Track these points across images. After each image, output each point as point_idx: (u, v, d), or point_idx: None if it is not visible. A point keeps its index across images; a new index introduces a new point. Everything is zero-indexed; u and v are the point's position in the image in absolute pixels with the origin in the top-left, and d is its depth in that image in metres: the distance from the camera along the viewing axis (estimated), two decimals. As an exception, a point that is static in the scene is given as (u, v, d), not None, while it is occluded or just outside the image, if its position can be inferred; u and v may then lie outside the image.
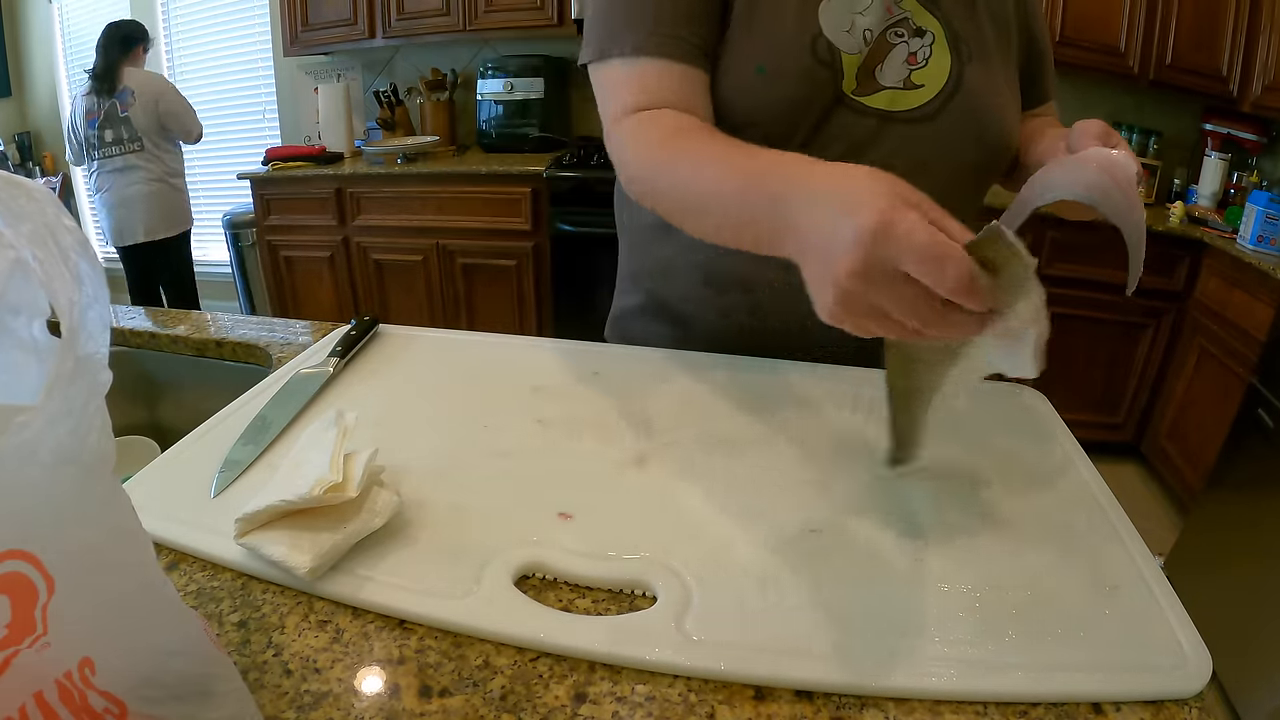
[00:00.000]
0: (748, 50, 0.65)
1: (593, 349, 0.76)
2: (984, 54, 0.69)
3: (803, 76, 0.64)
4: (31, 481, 0.24)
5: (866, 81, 0.66)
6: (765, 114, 0.66)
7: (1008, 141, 0.71)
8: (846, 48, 0.65)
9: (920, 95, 0.67)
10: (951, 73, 0.68)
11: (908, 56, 0.67)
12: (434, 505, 0.51)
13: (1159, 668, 0.39)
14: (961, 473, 0.57)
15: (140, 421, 0.92)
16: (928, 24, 0.67)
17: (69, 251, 0.26)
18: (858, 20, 0.66)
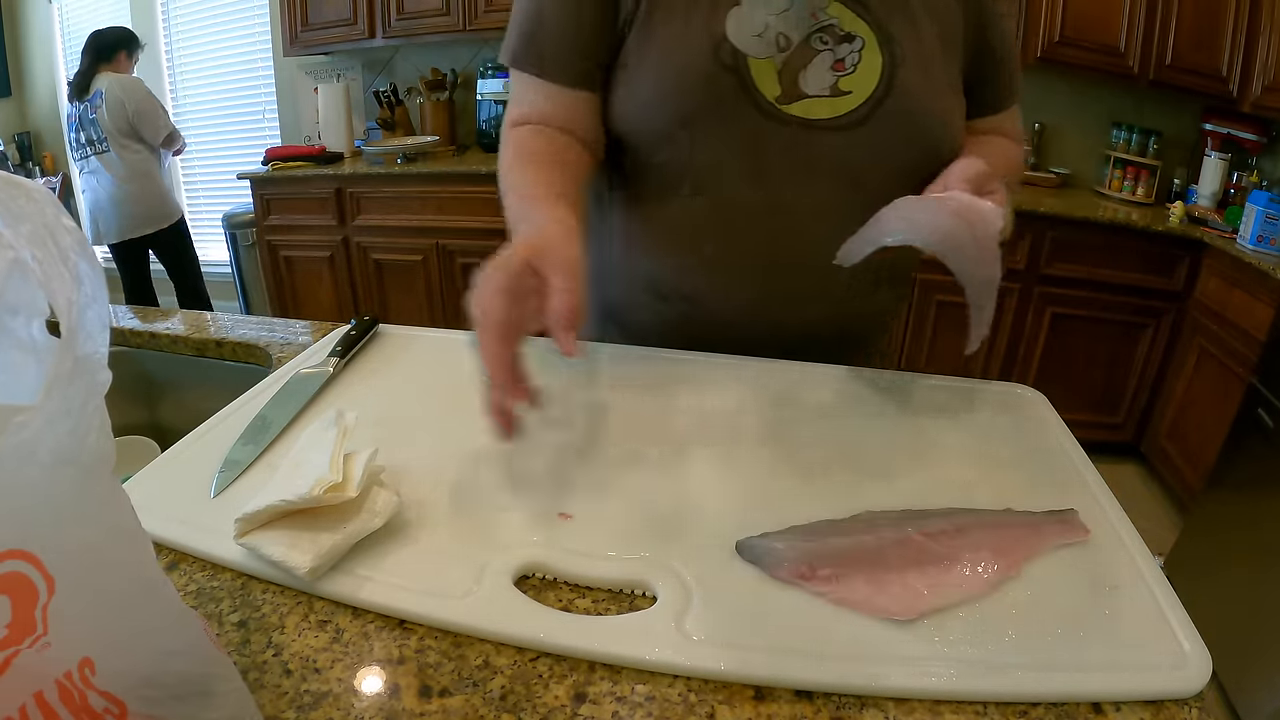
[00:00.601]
0: (652, 56, 0.66)
1: (592, 348, 0.76)
2: (921, 56, 0.67)
3: (705, 81, 0.64)
4: (31, 481, 0.24)
5: (791, 89, 0.66)
6: (670, 121, 0.67)
7: (947, 144, 0.70)
8: (754, 52, 0.64)
9: (848, 102, 0.66)
10: (882, 77, 0.66)
11: (834, 63, 0.66)
12: (434, 505, 0.51)
13: (1159, 668, 0.39)
14: (961, 472, 0.57)
15: (140, 421, 0.92)
16: (857, 29, 0.66)
17: (68, 252, 0.26)
18: (771, 23, 0.65)
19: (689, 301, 0.74)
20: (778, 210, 0.69)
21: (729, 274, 0.71)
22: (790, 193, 0.68)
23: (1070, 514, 0.50)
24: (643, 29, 0.67)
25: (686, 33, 0.65)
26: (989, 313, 0.58)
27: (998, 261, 0.58)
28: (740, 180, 0.68)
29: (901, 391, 0.69)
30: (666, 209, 0.72)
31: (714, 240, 0.71)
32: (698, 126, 0.66)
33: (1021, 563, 0.46)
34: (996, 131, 0.79)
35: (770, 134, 0.66)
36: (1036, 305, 2.36)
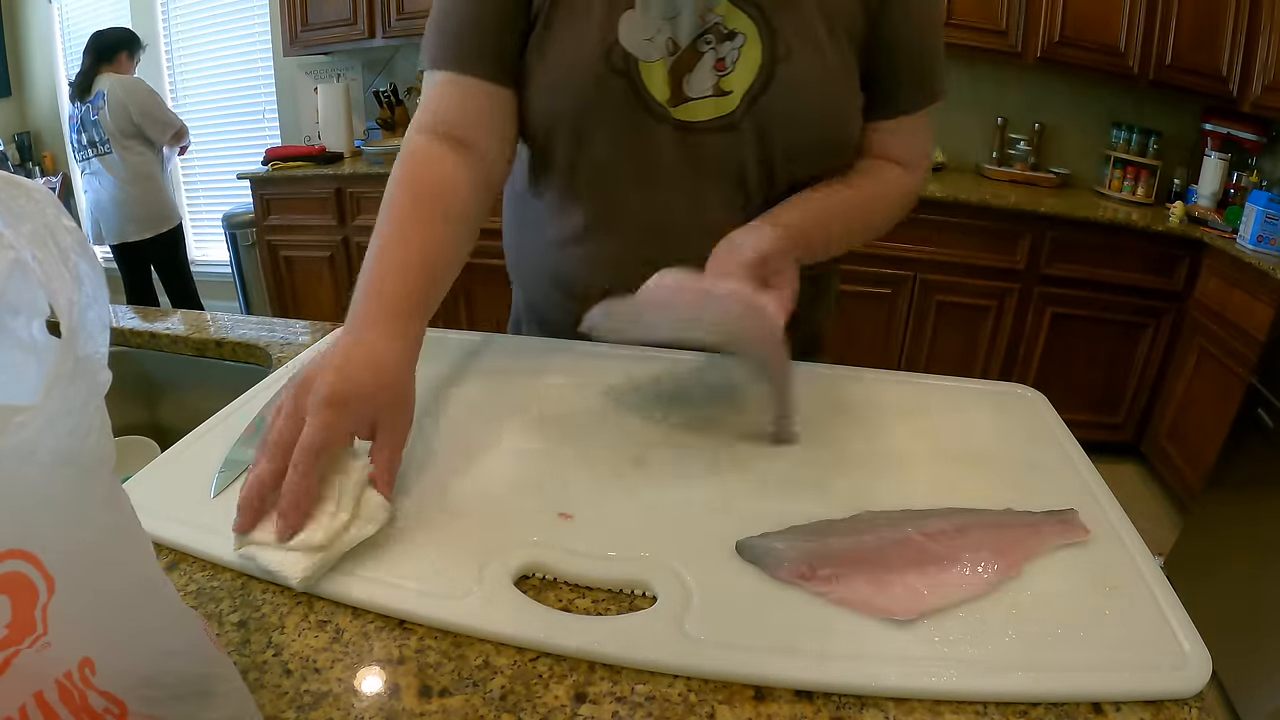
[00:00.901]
0: (546, 64, 0.67)
1: (591, 348, 0.76)
2: (807, 49, 0.66)
3: (594, 84, 0.65)
4: (31, 481, 0.24)
5: (678, 93, 0.66)
6: (563, 119, 0.68)
7: (833, 134, 0.68)
8: (645, 55, 0.65)
9: (730, 101, 0.66)
10: (760, 73, 0.65)
11: (715, 63, 0.66)
12: (434, 505, 0.51)
13: (1159, 668, 0.39)
14: (961, 472, 0.57)
15: (140, 421, 0.92)
16: (740, 26, 0.65)
17: (69, 252, 0.26)
18: (664, 28, 0.65)
19: (583, 301, 0.73)
20: (666, 211, 0.70)
21: (626, 274, 0.71)
22: (677, 194, 0.69)
23: (1070, 514, 0.50)
24: (545, 27, 0.67)
25: (582, 34, 0.65)
26: (791, 402, 0.58)
27: (784, 353, 0.57)
28: (629, 182, 0.69)
29: (901, 391, 0.69)
30: (568, 208, 0.73)
31: (609, 241, 0.72)
32: (588, 127, 0.67)
33: (1021, 563, 0.46)
34: (887, 147, 0.74)
35: (659, 137, 0.67)
36: (1036, 305, 2.36)
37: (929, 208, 2.26)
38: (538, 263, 0.79)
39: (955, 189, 2.33)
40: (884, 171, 0.74)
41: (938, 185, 2.37)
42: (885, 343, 2.49)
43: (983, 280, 2.35)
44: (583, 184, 0.72)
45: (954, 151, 2.74)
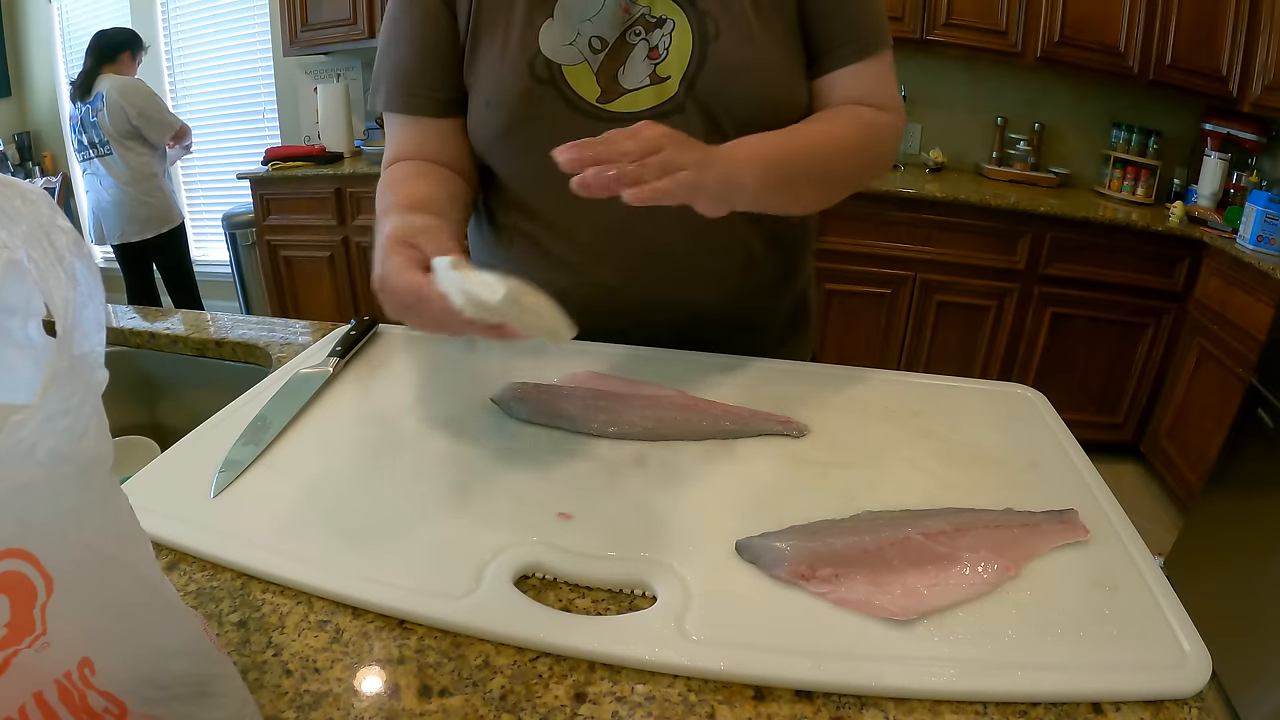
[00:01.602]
0: (477, 87, 0.69)
1: (591, 348, 0.76)
2: (736, 23, 0.66)
3: (522, 98, 0.66)
4: (29, 480, 0.24)
5: (611, 88, 0.67)
6: (501, 141, 0.70)
7: (773, 107, 0.68)
8: (567, 60, 0.66)
9: (669, 87, 0.67)
10: (693, 55, 0.66)
11: (648, 52, 0.66)
12: (434, 505, 0.51)
13: (1159, 667, 0.39)
14: (961, 472, 0.57)
15: (140, 421, 0.92)
16: (668, 12, 0.66)
17: (64, 252, 0.26)
18: (584, 29, 0.66)
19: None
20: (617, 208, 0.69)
21: (585, 273, 0.73)
22: None
23: (1070, 514, 0.50)
24: (471, 54, 0.69)
25: (505, 53, 0.67)
26: None
27: None
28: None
29: (902, 391, 0.69)
30: (520, 220, 0.75)
31: (566, 244, 0.73)
32: (522, 139, 0.68)
33: (1021, 563, 0.46)
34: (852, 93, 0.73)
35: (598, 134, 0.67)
36: (1036, 305, 2.36)
37: (929, 208, 2.26)
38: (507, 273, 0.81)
39: (955, 189, 2.33)
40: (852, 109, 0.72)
41: (938, 185, 2.37)
42: (885, 343, 2.49)
43: (982, 280, 2.35)
44: (529, 195, 0.73)
45: (954, 151, 2.74)
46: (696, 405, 0.63)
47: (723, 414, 0.62)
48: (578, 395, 0.63)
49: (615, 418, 0.60)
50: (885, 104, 0.74)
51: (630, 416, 0.61)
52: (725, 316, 0.78)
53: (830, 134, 0.69)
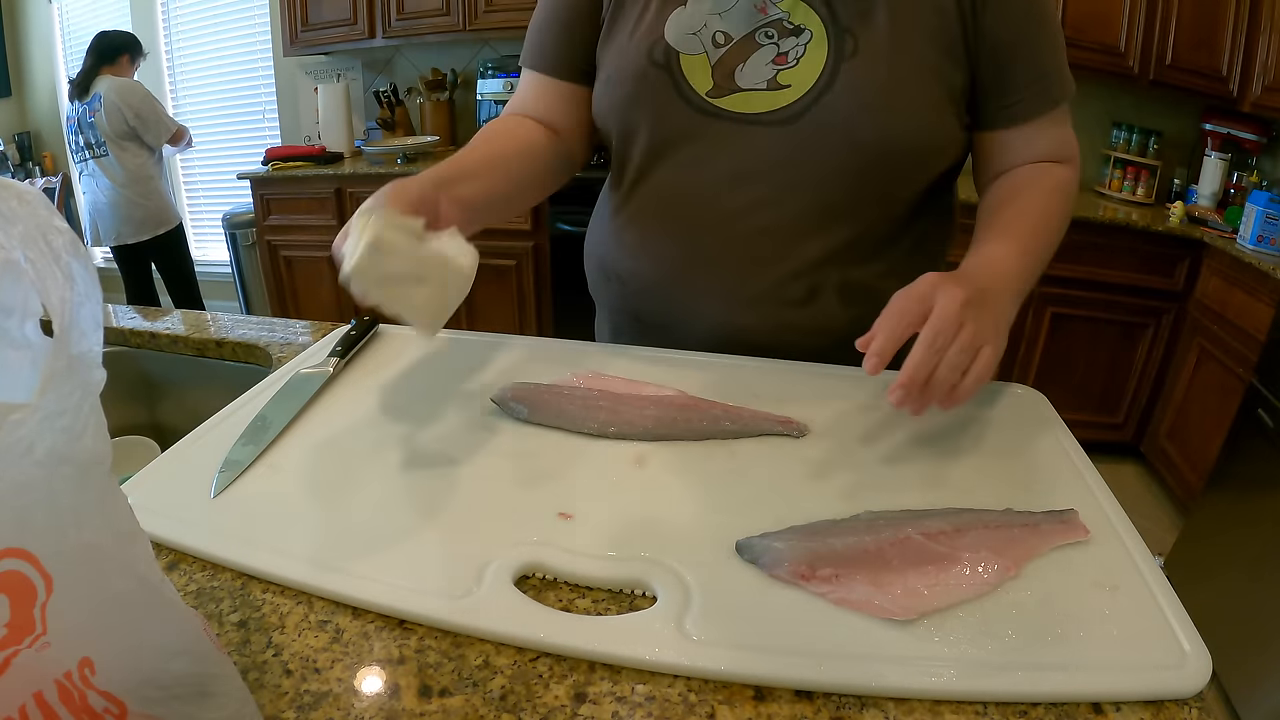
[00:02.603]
0: (605, 59, 0.72)
1: (591, 348, 0.76)
2: (880, 49, 0.64)
3: (636, 78, 0.69)
4: (28, 479, 0.24)
5: (724, 83, 0.67)
6: (613, 113, 0.72)
7: (892, 143, 0.65)
8: (686, 49, 0.67)
9: (786, 96, 0.66)
10: (824, 71, 0.65)
11: (775, 57, 0.66)
12: (434, 505, 0.51)
13: (1159, 668, 0.39)
14: (961, 472, 0.57)
15: (140, 421, 0.92)
16: (807, 22, 0.65)
17: (60, 252, 0.26)
18: (711, 22, 0.67)
19: (620, 281, 0.78)
20: (705, 202, 0.70)
21: (652, 261, 0.75)
22: (720, 185, 0.69)
23: (1070, 514, 0.50)
24: (608, 30, 0.72)
25: (634, 33, 0.70)
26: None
27: None
28: (670, 169, 0.71)
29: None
30: (620, 194, 0.78)
31: (642, 224, 0.75)
32: (632, 119, 0.71)
33: (1021, 563, 0.46)
34: (1026, 156, 0.71)
35: (701, 127, 0.68)
36: (1036, 305, 2.36)
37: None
38: (591, 242, 0.84)
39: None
40: (1040, 169, 0.70)
41: (938, 185, 2.37)
42: (885, 343, 2.48)
43: (983, 280, 2.34)
44: (629, 171, 0.75)
45: (954, 151, 2.74)
46: (697, 405, 0.63)
47: (723, 414, 0.62)
48: (578, 395, 0.63)
49: (615, 418, 0.60)
50: (1069, 156, 0.72)
51: (630, 416, 0.61)
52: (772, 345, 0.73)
53: (1047, 216, 0.67)
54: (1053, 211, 0.68)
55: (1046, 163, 0.71)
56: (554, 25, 0.75)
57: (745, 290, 0.72)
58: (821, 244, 0.69)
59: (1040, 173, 0.70)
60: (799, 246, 0.69)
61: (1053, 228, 0.68)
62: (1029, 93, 0.67)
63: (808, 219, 0.68)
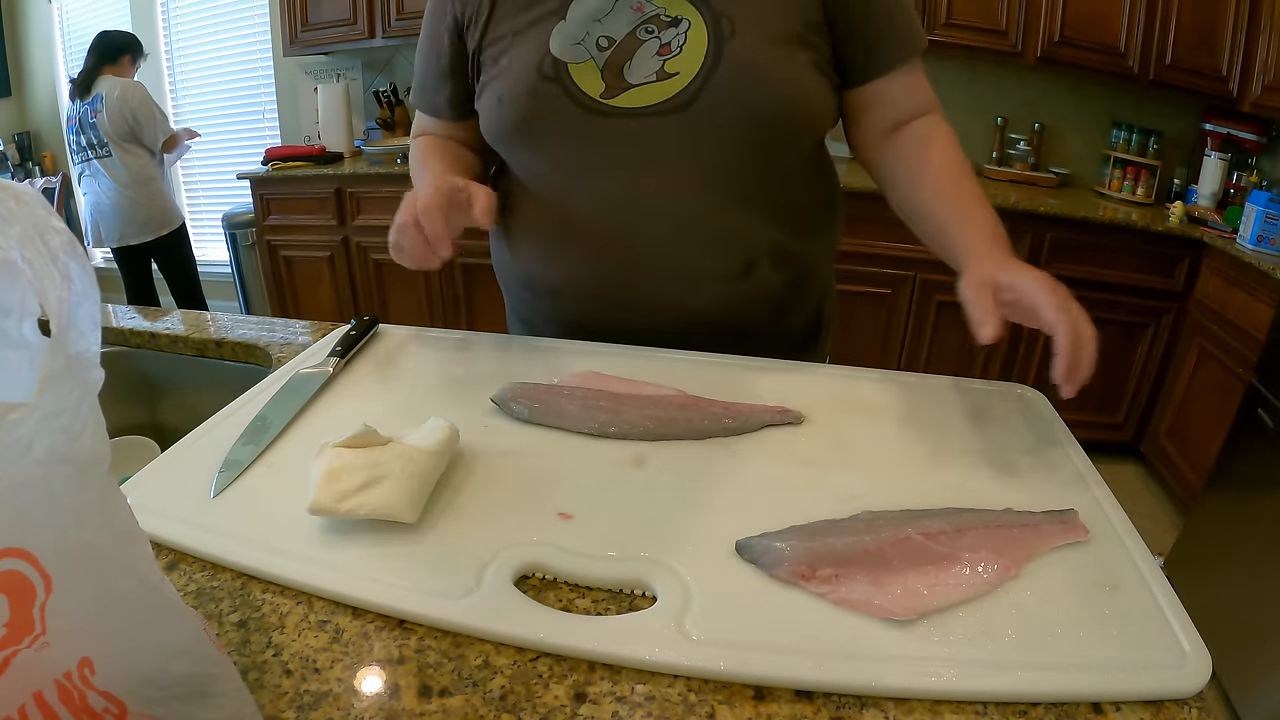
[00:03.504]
0: (492, 86, 0.74)
1: (591, 348, 0.76)
2: (755, 26, 0.68)
3: (528, 94, 0.71)
4: (27, 479, 0.24)
5: (615, 83, 0.70)
6: (510, 133, 0.74)
7: (782, 110, 0.69)
8: (572, 58, 0.70)
9: (676, 84, 0.68)
10: (708, 54, 0.67)
11: (659, 49, 0.68)
12: (434, 505, 0.51)
13: (1159, 668, 0.39)
14: (961, 472, 0.57)
15: (140, 421, 0.92)
16: (683, 12, 0.68)
17: (58, 252, 0.26)
18: (593, 29, 0.70)
19: (556, 295, 0.79)
20: (623, 199, 0.72)
21: (583, 265, 0.76)
22: (633, 180, 0.71)
23: (1070, 514, 0.50)
24: (485, 59, 0.75)
25: (517, 54, 0.72)
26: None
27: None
28: (581, 175, 0.73)
29: (902, 391, 0.69)
30: (529, 210, 0.79)
31: (566, 234, 0.76)
32: (530, 134, 0.73)
33: (1021, 563, 0.46)
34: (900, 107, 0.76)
35: (602, 128, 0.70)
36: (1036, 305, 2.35)
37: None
38: (508, 266, 0.84)
39: (955, 189, 2.33)
40: (929, 130, 0.76)
41: (938, 185, 2.37)
42: (885, 343, 2.49)
43: (983, 280, 2.34)
44: (541, 185, 0.77)
45: (954, 151, 2.74)
46: (697, 404, 0.63)
47: (723, 411, 0.62)
48: (578, 395, 0.63)
49: (615, 418, 0.60)
50: (931, 107, 0.78)
51: (630, 416, 0.61)
52: (723, 322, 0.78)
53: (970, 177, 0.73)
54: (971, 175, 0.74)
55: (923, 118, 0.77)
56: (433, 72, 0.81)
57: (687, 274, 0.75)
58: (740, 216, 0.73)
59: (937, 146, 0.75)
60: (722, 222, 0.73)
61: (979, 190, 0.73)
62: (890, 43, 0.73)
63: (723, 196, 0.72)
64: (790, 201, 0.76)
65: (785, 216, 0.76)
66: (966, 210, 0.71)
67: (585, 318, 0.79)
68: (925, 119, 0.77)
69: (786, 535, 0.47)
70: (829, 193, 0.83)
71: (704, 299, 0.76)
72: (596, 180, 0.72)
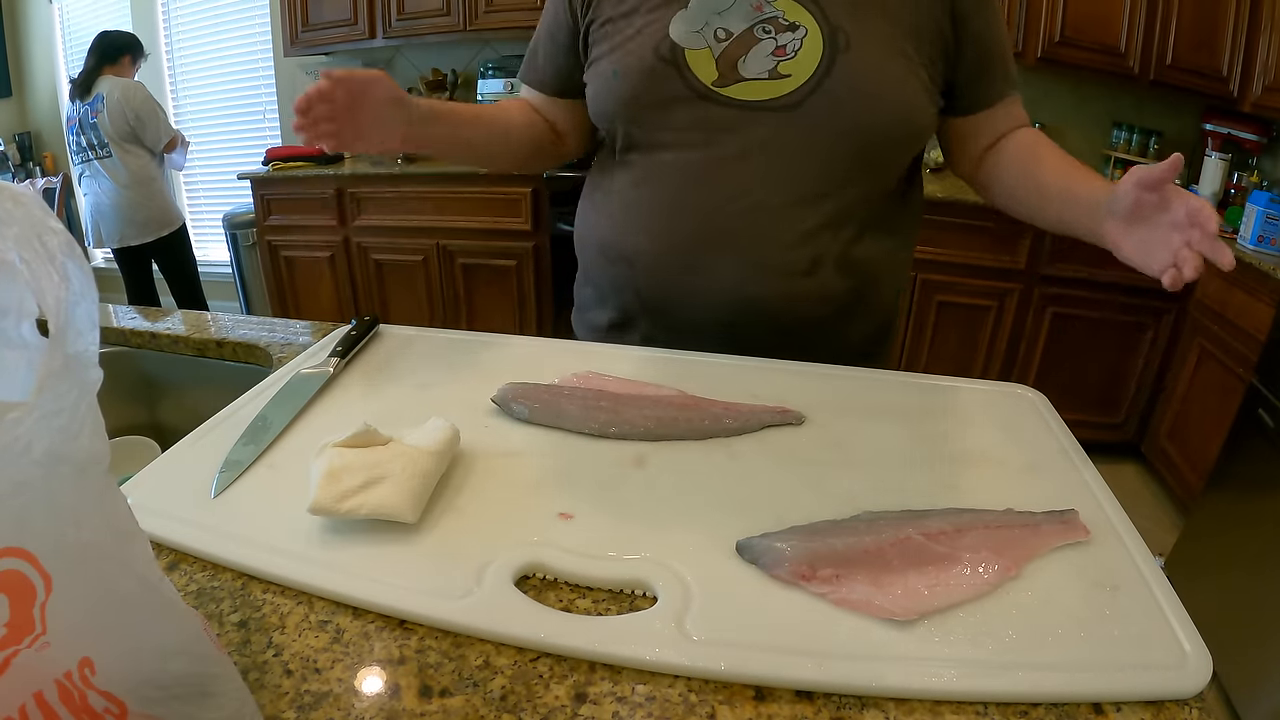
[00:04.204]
0: (607, 60, 0.78)
1: (592, 348, 0.76)
2: (869, 44, 0.72)
3: (645, 73, 0.74)
4: (26, 478, 0.24)
5: (728, 74, 0.73)
6: (622, 107, 0.78)
7: (885, 126, 0.73)
8: (691, 44, 0.73)
9: (787, 84, 0.72)
10: (821, 62, 0.71)
11: (775, 49, 0.72)
12: (434, 506, 0.51)
13: (1159, 668, 0.39)
14: (961, 472, 0.57)
15: (140, 421, 0.92)
16: (800, 19, 0.72)
17: (55, 252, 0.26)
18: (712, 20, 0.73)
19: (628, 263, 0.81)
20: (712, 182, 0.75)
21: (658, 239, 0.79)
22: (721, 166, 0.75)
23: (1070, 514, 0.50)
24: (597, 40, 0.79)
25: (637, 33, 0.76)
26: None
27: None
28: (675, 154, 0.77)
29: (902, 391, 0.69)
30: (619, 179, 0.82)
31: (648, 207, 0.79)
32: (639, 108, 0.76)
33: (1022, 563, 0.46)
34: (1006, 127, 0.82)
35: (707, 113, 0.74)
36: (1036, 305, 2.35)
37: (930, 208, 2.22)
38: (590, 228, 0.87)
39: (955, 189, 2.33)
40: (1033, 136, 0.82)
41: (938, 185, 2.37)
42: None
43: (983, 280, 2.34)
44: (632, 156, 0.81)
45: (954, 152, 2.74)
46: (697, 404, 0.63)
47: (723, 411, 0.62)
48: (578, 395, 0.63)
49: (615, 418, 0.60)
50: (1026, 123, 0.84)
51: (630, 416, 0.61)
52: (782, 318, 0.78)
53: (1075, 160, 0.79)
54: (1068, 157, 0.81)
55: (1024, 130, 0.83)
56: (545, 46, 0.85)
57: (754, 262, 0.76)
58: (819, 218, 0.75)
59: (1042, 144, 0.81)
60: (800, 220, 0.75)
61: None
62: (998, 77, 0.79)
63: (807, 195, 0.74)
64: (869, 211, 0.78)
65: (861, 224, 0.78)
66: (1089, 174, 0.76)
67: (651, 289, 0.81)
68: (1024, 130, 0.83)
69: (787, 535, 0.47)
70: (909, 213, 0.85)
71: (765, 290, 0.77)
72: (687, 161, 0.76)
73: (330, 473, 0.48)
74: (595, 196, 0.86)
